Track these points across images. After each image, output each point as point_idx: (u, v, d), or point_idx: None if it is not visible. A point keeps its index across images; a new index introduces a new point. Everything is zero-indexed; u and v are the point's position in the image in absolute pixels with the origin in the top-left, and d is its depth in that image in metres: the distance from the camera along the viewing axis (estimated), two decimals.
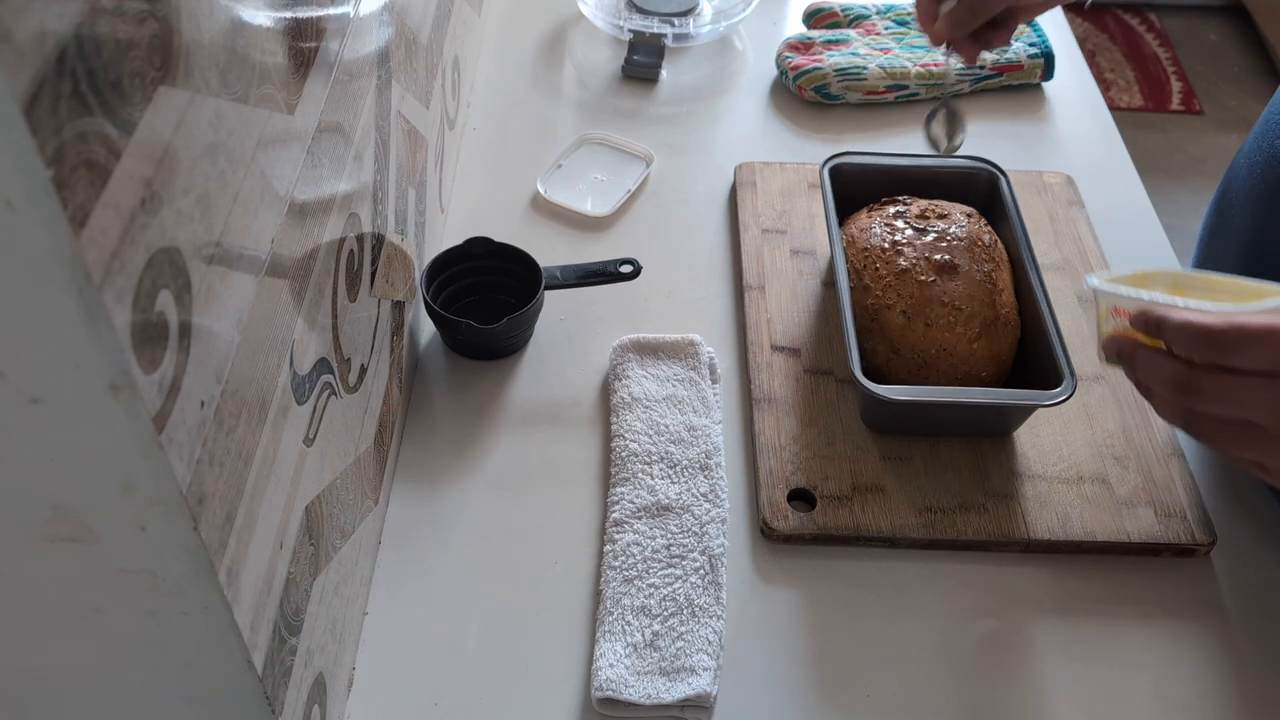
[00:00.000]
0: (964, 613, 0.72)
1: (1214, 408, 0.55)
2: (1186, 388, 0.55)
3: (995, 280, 0.81)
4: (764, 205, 0.98)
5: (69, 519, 0.40)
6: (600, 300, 0.90)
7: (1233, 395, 0.54)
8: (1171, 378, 0.56)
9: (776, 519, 0.75)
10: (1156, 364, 0.57)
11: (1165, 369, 0.56)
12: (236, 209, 0.45)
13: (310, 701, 0.58)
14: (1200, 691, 0.69)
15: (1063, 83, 1.16)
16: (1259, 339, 0.52)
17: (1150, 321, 0.57)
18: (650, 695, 0.65)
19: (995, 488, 0.77)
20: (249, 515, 0.47)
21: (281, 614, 0.52)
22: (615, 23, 1.17)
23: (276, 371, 0.51)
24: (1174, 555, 0.75)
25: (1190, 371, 0.55)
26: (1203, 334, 0.54)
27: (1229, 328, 0.53)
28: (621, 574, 0.71)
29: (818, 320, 0.88)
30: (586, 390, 0.85)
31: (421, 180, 0.86)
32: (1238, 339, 0.53)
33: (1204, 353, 0.54)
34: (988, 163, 0.92)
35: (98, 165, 0.33)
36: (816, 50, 1.14)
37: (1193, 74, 2.76)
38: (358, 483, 0.67)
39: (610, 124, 1.09)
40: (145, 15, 0.36)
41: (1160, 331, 0.57)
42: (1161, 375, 0.57)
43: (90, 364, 0.35)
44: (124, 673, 0.47)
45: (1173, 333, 0.56)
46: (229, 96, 0.44)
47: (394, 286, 0.73)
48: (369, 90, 0.68)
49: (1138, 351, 0.59)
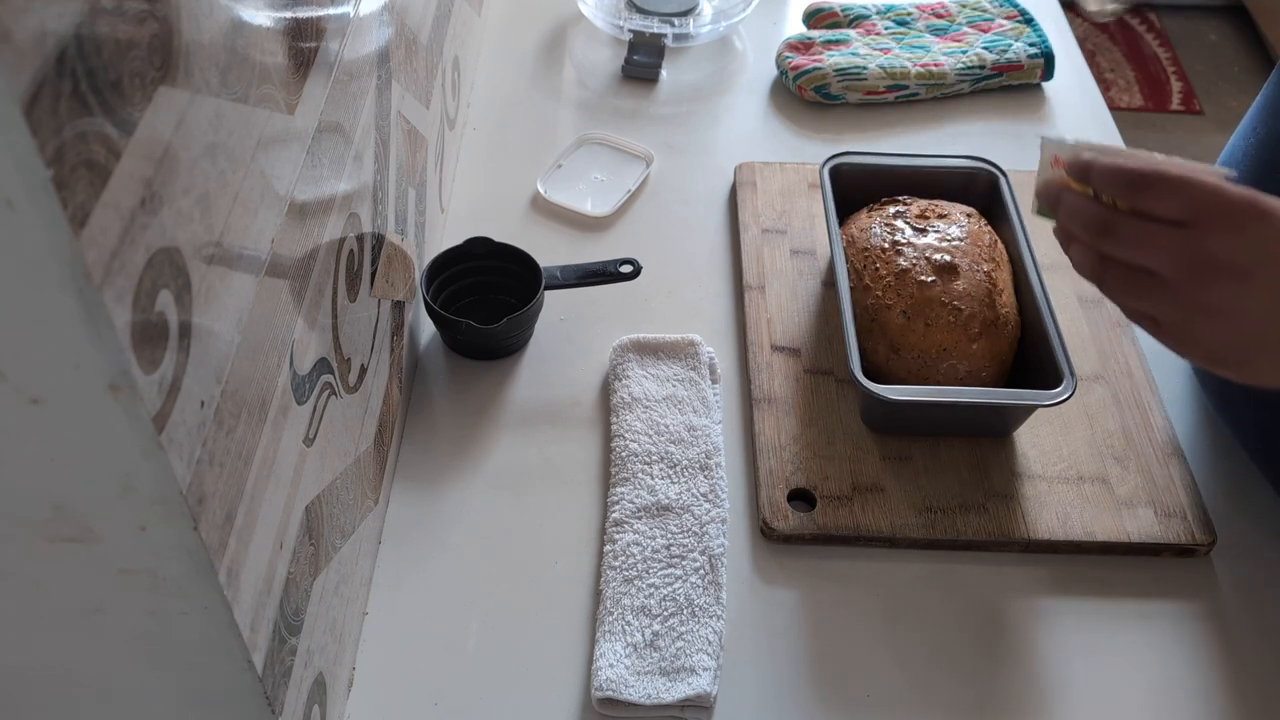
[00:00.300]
0: (964, 613, 0.72)
1: (1123, 251, 0.57)
2: (1102, 228, 0.58)
3: (995, 280, 0.81)
4: (764, 205, 0.98)
5: (69, 519, 0.40)
6: (600, 300, 0.90)
7: (1141, 240, 0.56)
8: (1090, 219, 0.58)
9: (776, 519, 0.75)
10: (1079, 206, 0.60)
11: (1086, 210, 0.59)
12: (236, 209, 0.45)
13: (310, 701, 0.58)
14: (1200, 691, 0.69)
15: (1063, 83, 1.16)
16: (1175, 186, 0.55)
17: (1081, 166, 0.60)
18: (650, 695, 0.65)
19: (995, 488, 0.77)
20: (249, 515, 0.47)
21: (281, 614, 0.52)
22: (615, 23, 1.17)
23: (276, 371, 0.51)
24: (1174, 555, 0.75)
25: (1109, 214, 0.58)
26: (1124, 175, 0.57)
27: (1150, 171, 0.56)
28: (621, 574, 0.71)
29: (818, 320, 0.88)
30: (586, 390, 0.85)
31: (421, 180, 0.86)
32: (1156, 182, 0.55)
33: (1123, 192, 0.57)
34: (988, 162, 0.92)
35: (98, 165, 0.33)
36: (816, 50, 1.14)
37: (1193, 74, 2.76)
38: (358, 483, 0.67)
39: (610, 124, 1.09)
40: (145, 15, 0.36)
41: (1088, 175, 0.59)
42: (1082, 217, 0.59)
43: (90, 364, 0.35)
44: (124, 673, 0.47)
45: (1099, 175, 0.58)
46: (229, 96, 0.44)
47: (394, 286, 0.73)
48: (369, 90, 0.68)
49: (1064, 194, 0.61)
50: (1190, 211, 0.55)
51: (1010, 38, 1.16)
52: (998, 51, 1.14)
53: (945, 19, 1.20)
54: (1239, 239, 0.54)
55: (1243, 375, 0.58)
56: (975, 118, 1.12)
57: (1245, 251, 0.54)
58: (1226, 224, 0.54)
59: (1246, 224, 0.54)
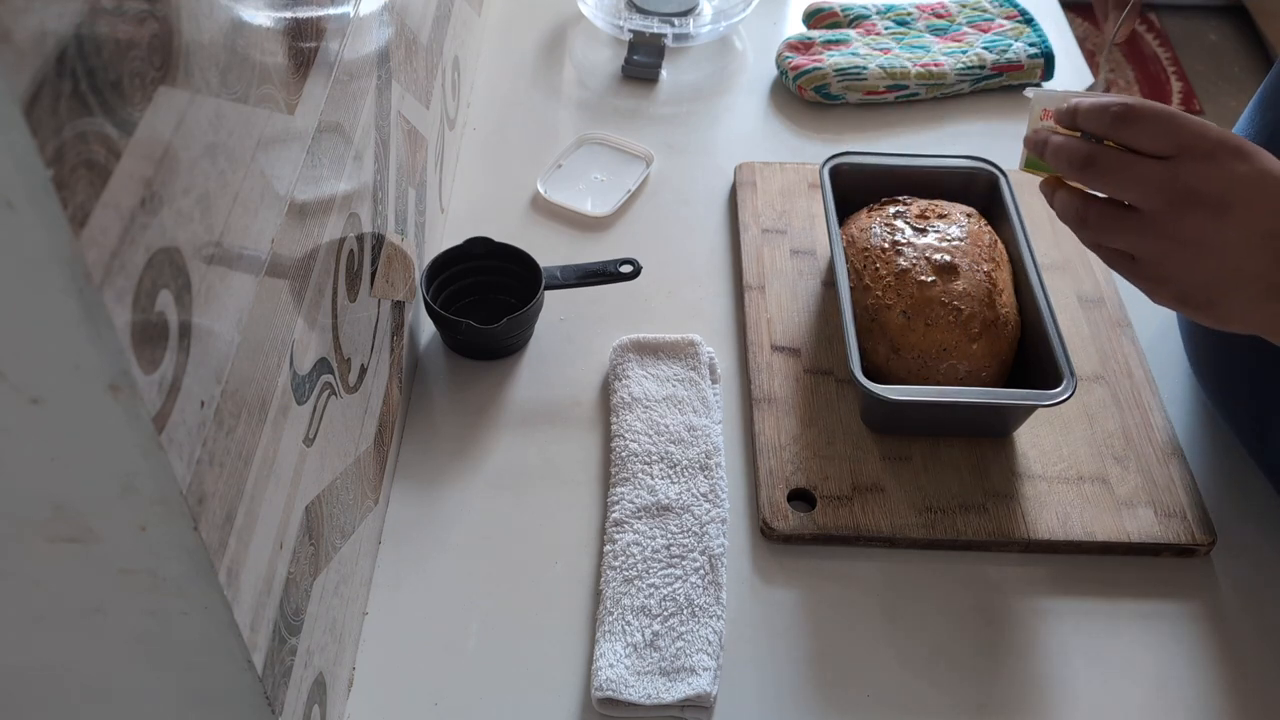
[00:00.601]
0: (964, 613, 0.72)
1: (1105, 183, 0.59)
2: (1086, 161, 0.59)
3: (995, 280, 0.81)
4: (764, 205, 0.98)
5: (69, 519, 0.40)
6: (600, 300, 0.90)
7: (1123, 172, 0.58)
8: (1075, 153, 0.60)
9: (776, 519, 0.75)
10: (1065, 144, 0.61)
11: (1071, 146, 0.60)
12: (236, 209, 0.45)
13: (310, 701, 0.58)
14: (1200, 691, 0.69)
15: (1063, 83, 1.16)
16: (1158, 118, 0.57)
17: (1068, 109, 0.62)
18: (650, 695, 0.65)
19: (995, 488, 0.77)
20: (249, 515, 0.47)
21: (281, 614, 0.52)
22: (615, 23, 1.17)
23: (276, 371, 0.51)
24: (1174, 555, 0.75)
25: (1092, 147, 0.59)
26: (1109, 108, 0.59)
27: (1135, 104, 0.58)
28: (621, 574, 0.71)
29: (818, 320, 0.88)
30: (586, 390, 0.85)
31: (421, 180, 0.86)
32: (1140, 115, 0.57)
33: (1108, 126, 0.58)
34: (988, 163, 0.92)
35: (98, 165, 0.33)
36: (816, 50, 1.14)
37: (1193, 74, 2.76)
38: (358, 483, 0.67)
39: (610, 124, 1.09)
40: (145, 15, 0.36)
41: (1074, 118, 0.61)
42: (1067, 153, 0.60)
43: (90, 364, 0.35)
44: (124, 673, 0.47)
45: (1084, 113, 0.60)
46: (229, 96, 0.44)
47: (394, 286, 0.73)
48: (369, 90, 0.68)
49: (1050, 139, 0.62)
50: (1172, 145, 0.56)
51: (1010, 38, 1.16)
52: (998, 51, 1.14)
53: (945, 19, 1.20)
54: (1218, 171, 0.56)
55: (1210, 315, 0.59)
56: (975, 118, 1.12)
57: (1223, 184, 0.56)
58: (1207, 157, 0.56)
59: (1226, 158, 0.56)
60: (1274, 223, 0.55)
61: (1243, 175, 0.55)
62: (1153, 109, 0.57)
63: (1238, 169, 0.55)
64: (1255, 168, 0.55)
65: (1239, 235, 0.56)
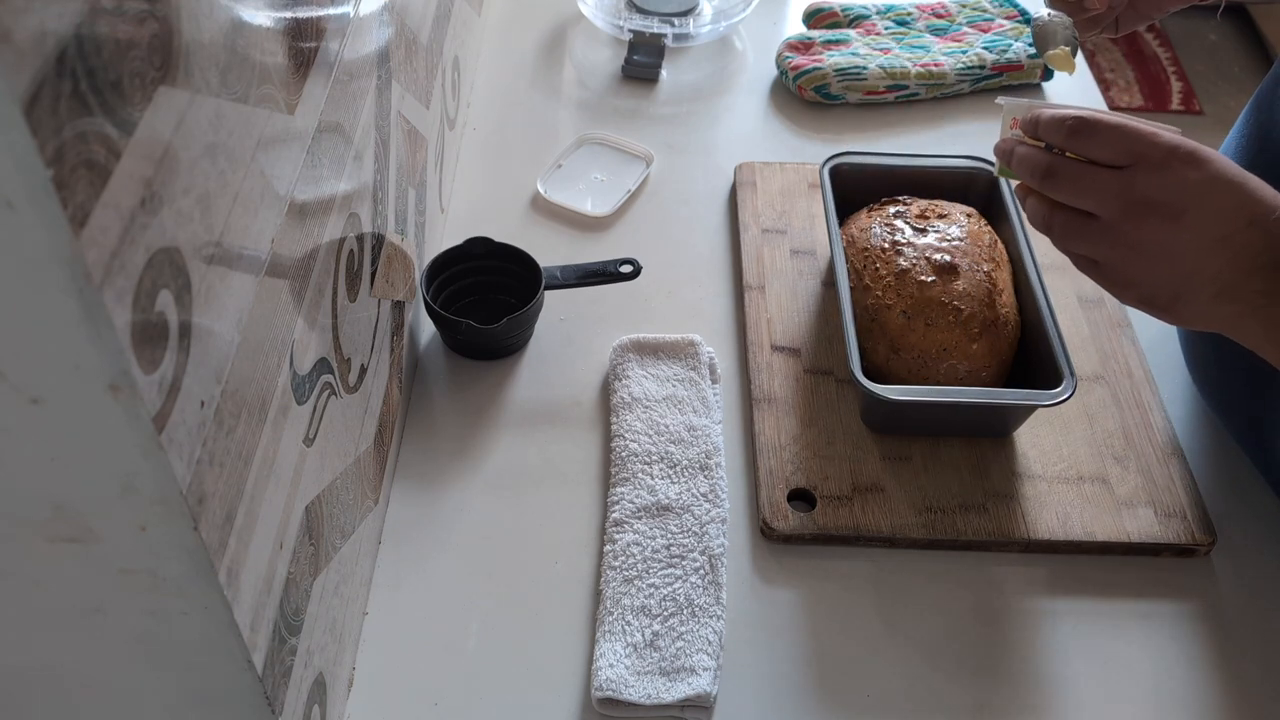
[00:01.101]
0: (964, 613, 0.72)
1: (1065, 194, 0.61)
2: (1046, 172, 0.62)
3: (995, 280, 0.81)
4: (764, 205, 0.98)
5: (69, 519, 0.40)
6: (600, 300, 0.90)
7: (1081, 182, 0.60)
8: (1036, 165, 0.62)
9: (776, 519, 0.75)
10: (1028, 155, 0.63)
11: (1033, 157, 0.63)
12: (236, 209, 0.45)
13: (310, 701, 0.58)
14: (1200, 691, 0.69)
15: (1063, 83, 1.16)
16: (1111, 130, 0.59)
17: (1030, 120, 0.64)
18: (650, 695, 0.65)
19: (995, 488, 0.77)
20: (249, 515, 0.47)
21: (281, 614, 0.52)
22: (615, 23, 1.17)
23: (276, 371, 0.51)
24: (1174, 555, 0.75)
25: (1051, 158, 0.62)
26: (1065, 121, 0.61)
27: (1089, 117, 0.60)
28: (621, 574, 0.71)
29: (818, 320, 0.88)
30: (586, 390, 0.85)
31: (421, 180, 0.86)
32: (1094, 127, 0.60)
33: (1064, 139, 0.61)
34: (988, 162, 0.92)
35: (98, 165, 0.33)
36: (816, 50, 1.14)
37: (1193, 74, 2.76)
38: (358, 483, 0.67)
39: (610, 124, 1.09)
40: (145, 15, 0.36)
41: (1036, 128, 0.63)
42: (1029, 164, 0.63)
43: (90, 364, 0.35)
44: (124, 673, 0.47)
45: (1044, 125, 0.62)
46: (229, 96, 0.44)
47: (394, 286, 0.73)
48: (369, 90, 0.68)
49: (1016, 148, 0.65)
50: (1126, 154, 0.58)
51: (1010, 38, 1.16)
52: (998, 51, 1.14)
53: (945, 19, 1.20)
54: (1170, 179, 0.57)
55: (1172, 316, 0.61)
56: (975, 118, 1.12)
57: (1176, 192, 0.57)
58: (1160, 166, 0.58)
59: (1178, 165, 0.57)
60: (1225, 227, 0.57)
61: (1194, 182, 0.57)
62: (1107, 121, 0.59)
63: (1190, 176, 0.57)
64: (1206, 174, 0.57)
65: (1193, 239, 0.57)
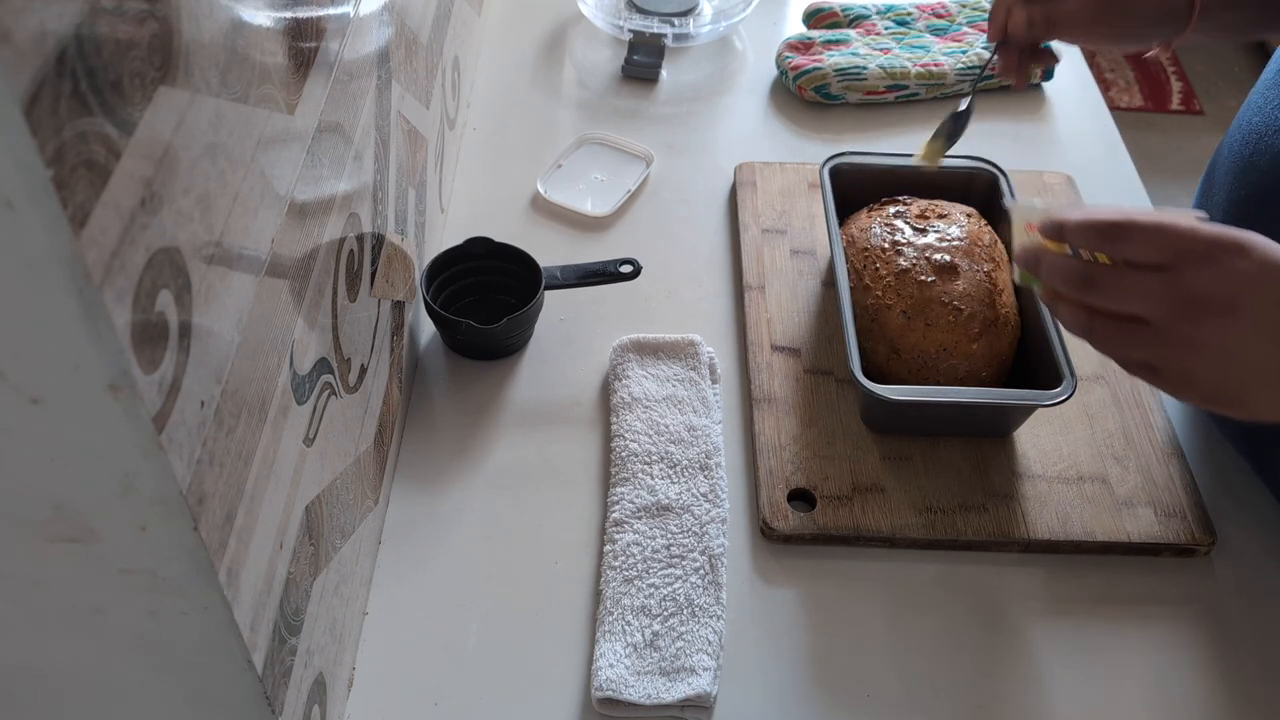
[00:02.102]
0: (964, 612, 0.72)
1: (1107, 301, 0.57)
2: (1083, 281, 0.58)
3: (995, 280, 0.81)
4: (764, 205, 0.98)
5: (69, 519, 0.40)
6: (600, 300, 0.90)
7: (1124, 287, 0.56)
8: (1072, 274, 0.59)
9: (776, 519, 0.75)
10: (1059, 264, 0.60)
11: (1066, 266, 0.59)
12: (236, 209, 0.45)
13: (310, 701, 0.58)
14: (1200, 691, 0.69)
15: (1063, 83, 1.16)
16: (1148, 230, 0.55)
17: (1054, 224, 0.60)
18: (650, 695, 0.65)
19: (995, 488, 0.77)
20: (249, 515, 0.47)
21: (281, 614, 0.52)
22: (615, 23, 1.17)
23: (276, 371, 0.51)
24: (1174, 555, 0.75)
25: (1089, 266, 0.58)
26: (1096, 227, 0.57)
27: (1120, 219, 0.56)
28: (621, 574, 0.71)
29: (818, 320, 0.88)
30: (586, 390, 0.85)
31: (421, 180, 0.86)
32: (1128, 229, 0.56)
33: (1098, 244, 0.57)
34: (988, 163, 0.92)
35: (98, 165, 0.33)
36: (816, 50, 1.14)
37: (1193, 74, 2.76)
38: (358, 483, 0.67)
39: (610, 124, 1.09)
40: (145, 15, 0.36)
41: (1062, 233, 0.60)
42: (1063, 273, 0.59)
43: (90, 364, 0.35)
44: (124, 673, 0.47)
45: (1072, 231, 0.59)
46: (229, 96, 0.44)
47: (394, 286, 0.73)
48: (369, 90, 0.68)
49: (1043, 255, 0.61)
50: (1169, 253, 0.55)
51: None
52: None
53: (945, 19, 1.20)
54: (1220, 272, 0.54)
55: (1243, 411, 0.57)
56: (975, 118, 1.12)
57: (1228, 285, 0.54)
58: (1206, 260, 0.54)
59: (1225, 258, 0.54)
60: None
61: (1245, 272, 0.54)
62: (1141, 222, 0.56)
63: (1239, 266, 0.54)
64: (1256, 262, 0.54)
65: (1254, 333, 0.54)
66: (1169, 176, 2.40)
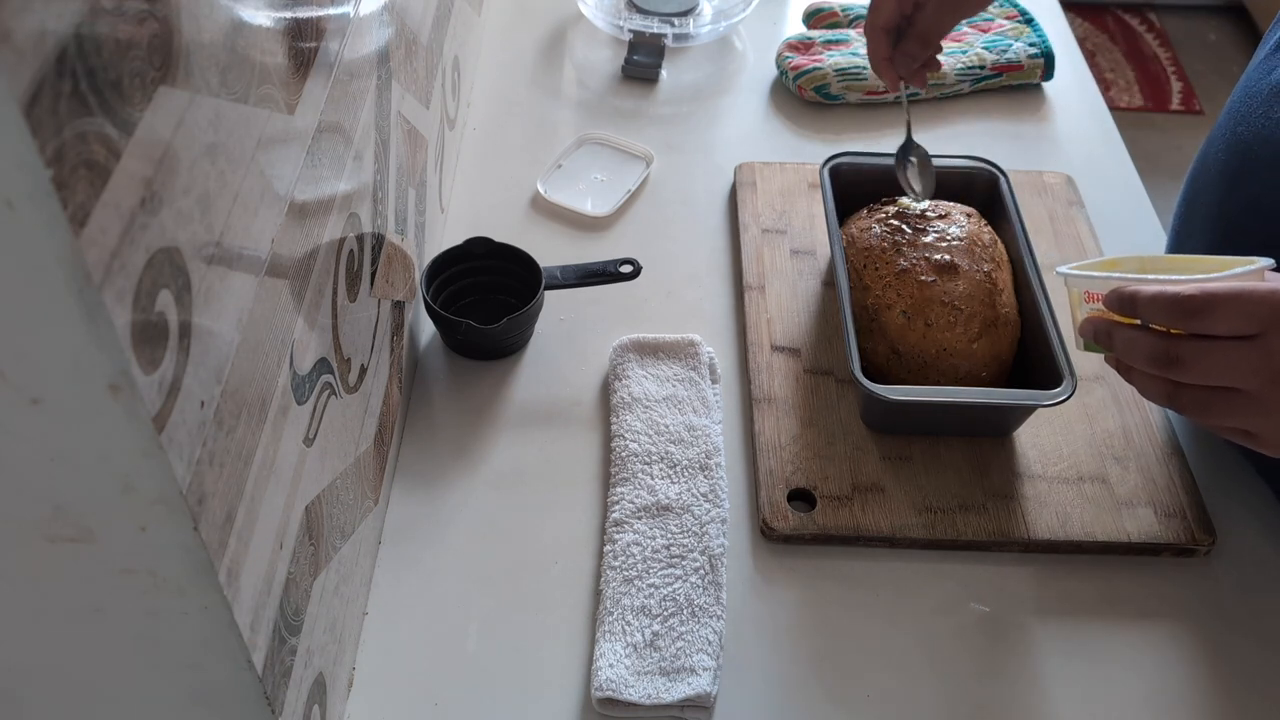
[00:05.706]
0: (964, 613, 0.72)
1: (1195, 377, 0.56)
2: (1166, 359, 0.56)
3: (995, 280, 0.81)
4: (764, 205, 0.98)
5: (69, 519, 0.40)
6: (600, 300, 0.90)
7: (1212, 361, 0.55)
8: (1150, 351, 0.57)
9: (776, 519, 0.75)
10: (1135, 340, 0.58)
11: (1144, 344, 0.57)
12: (236, 209, 0.45)
13: (310, 701, 0.58)
14: (1200, 691, 0.69)
15: (1063, 83, 1.16)
16: (1230, 302, 0.53)
17: (1124, 298, 0.58)
18: (650, 695, 0.65)
19: (995, 488, 0.77)
20: (249, 515, 0.47)
21: (281, 614, 0.52)
22: (615, 23, 1.17)
23: (276, 371, 0.51)
24: (1174, 555, 0.75)
25: (1168, 343, 0.56)
26: (1175, 302, 0.55)
27: (1200, 293, 0.54)
28: (621, 574, 0.71)
29: (818, 320, 0.88)
30: (586, 390, 0.85)
31: (421, 180, 0.86)
32: (1210, 303, 0.54)
33: (1179, 321, 0.55)
34: (988, 163, 0.92)
35: (98, 165, 0.33)
36: (816, 50, 1.14)
37: (1193, 74, 2.76)
38: (358, 483, 0.67)
39: (610, 124, 1.09)
40: (145, 15, 0.36)
41: (1134, 307, 0.57)
42: (1141, 350, 0.57)
43: (90, 364, 0.35)
44: (124, 673, 0.47)
45: (1146, 306, 0.57)
46: (229, 96, 0.44)
47: (394, 286, 0.73)
48: (369, 90, 0.68)
49: (1115, 330, 0.59)
50: (1253, 322, 0.53)
51: (1010, 38, 1.16)
52: (998, 51, 1.14)
53: None
54: None
55: None
56: (975, 118, 1.12)
57: None
58: None
59: None
60: None
61: None
62: (1223, 294, 0.54)
63: None
64: None
65: None
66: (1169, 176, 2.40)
